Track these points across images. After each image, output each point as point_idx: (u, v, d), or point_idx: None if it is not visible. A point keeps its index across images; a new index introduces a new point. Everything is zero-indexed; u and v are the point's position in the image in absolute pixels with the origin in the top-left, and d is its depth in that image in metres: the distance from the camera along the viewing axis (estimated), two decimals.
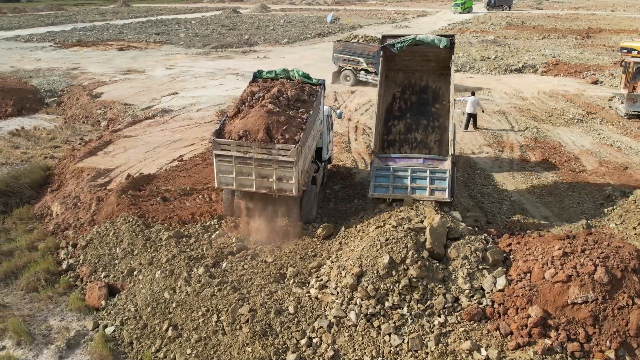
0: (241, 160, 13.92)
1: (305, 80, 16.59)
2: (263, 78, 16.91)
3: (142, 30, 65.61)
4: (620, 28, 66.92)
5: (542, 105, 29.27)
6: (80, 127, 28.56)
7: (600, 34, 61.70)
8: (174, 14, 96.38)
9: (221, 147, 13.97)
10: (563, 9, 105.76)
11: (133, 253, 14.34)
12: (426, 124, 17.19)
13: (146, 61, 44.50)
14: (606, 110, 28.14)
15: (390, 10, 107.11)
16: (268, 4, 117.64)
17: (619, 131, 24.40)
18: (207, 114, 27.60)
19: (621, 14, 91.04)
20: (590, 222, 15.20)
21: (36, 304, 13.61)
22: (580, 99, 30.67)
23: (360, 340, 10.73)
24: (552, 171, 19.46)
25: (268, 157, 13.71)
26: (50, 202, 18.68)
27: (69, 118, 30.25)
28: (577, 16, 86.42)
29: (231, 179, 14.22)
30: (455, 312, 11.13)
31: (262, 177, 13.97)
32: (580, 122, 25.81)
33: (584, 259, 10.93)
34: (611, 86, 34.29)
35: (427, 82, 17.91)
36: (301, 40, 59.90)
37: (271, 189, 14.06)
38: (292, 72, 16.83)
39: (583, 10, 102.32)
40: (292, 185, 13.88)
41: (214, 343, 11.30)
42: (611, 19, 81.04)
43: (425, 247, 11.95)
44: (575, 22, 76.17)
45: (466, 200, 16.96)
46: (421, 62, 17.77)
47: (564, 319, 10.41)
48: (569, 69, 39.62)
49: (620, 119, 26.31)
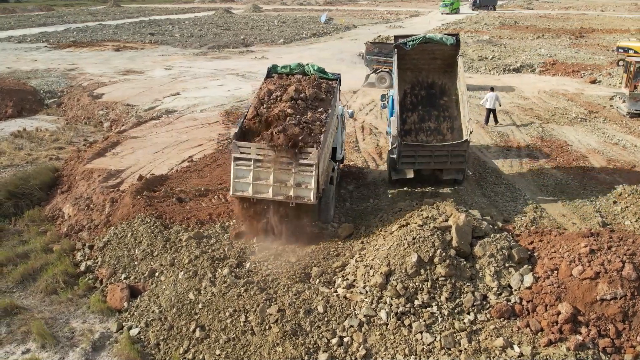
0: (260, 165, 13.70)
1: (321, 75, 16.55)
2: (278, 73, 16.85)
3: (137, 31, 65.27)
4: (612, 28, 67.57)
5: (544, 105, 29.50)
6: (82, 128, 28.39)
7: (593, 34, 62.27)
8: (166, 14, 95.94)
9: (240, 149, 13.84)
10: (554, 8, 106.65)
11: (153, 254, 14.29)
12: (437, 114, 18.68)
13: (144, 62, 44.28)
14: (607, 109, 28.42)
15: (382, 10, 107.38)
16: (260, 4, 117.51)
17: (623, 130, 24.65)
18: (212, 115, 27.53)
19: (611, 14, 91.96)
20: (605, 220, 15.36)
21: (56, 306, 13.54)
22: (581, 98, 30.95)
23: (392, 339, 10.78)
24: (561, 170, 19.62)
25: (288, 160, 13.55)
26: (62, 203, 18.57)
27: (71, 119, 30.05)
28: (568, 16, 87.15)
29: (247, 185, 13.88)
30: (484, 309, 11.22)
31: (280, 182, 13.64)
32: (583, 121, 26.04)
33: (611, 255, 11.06)
34: (609, 85, 34.67)
35: (434, 79, 19.31)
36: (297, 40, 59.87)
37: (288, 196, 13.65)
38: (307, 67, 16.80)
39: (573, 10, 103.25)
40: (310, 192, 13.58)
41: (244, 343, 11.30)
42: (602, 18, 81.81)
43: (451, 245, 12.03)
44: (567, 22, 76.79)
45: (480, 199, 17.06)
46: (428, 61, 19.09)
47: (594, 315, 10.52)
48: (566, 68, 39.97)
49: (622, 118, 26.58)
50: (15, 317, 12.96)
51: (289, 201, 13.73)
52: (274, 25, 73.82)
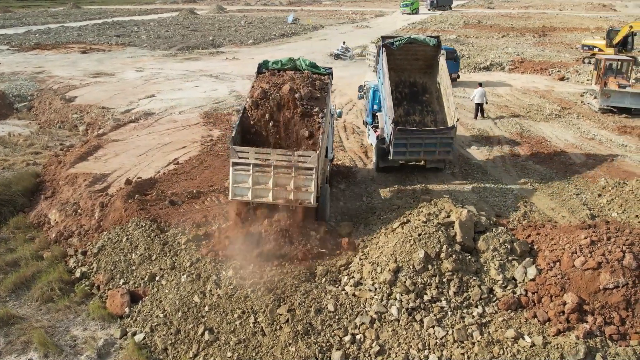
0: (259, 169, 13.64)
1: (313, 70, 16.54)
2: (270, 69, 16.76)
3: (101, 33, 63.97)
4: (573, 26, 69.55)
5: (518, 102, 30.19)
6: (57, 132, 27.71)
7: (555, 32, 63.99)
8: (128, 15, 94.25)
9: (239, 154, 13.76)
10: (514, 8, 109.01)
11: (151, 258, 14.10)
12: (421, 109, 20.15)
13: (113, 64, 43.46)
14: (579, 105, 29.26)
15: (347, 10, 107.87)
16: (223, 4, 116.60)
17: (597, 125, 25.44)
18: (191, 116, 27.25)
19: (570, 13, 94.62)
20: (593, 212, 15.83)
21: (54, 315, 13.23)
22: (553, 95, 31.80)
23: (405, 334, 10.92)
24: (544, 165, 20.15)
25: (288, 164, 13.53)
26: (47, 209, 18.12)
27: (44, 123, 29.27)
28: (529, 15, 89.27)
29: (247, 189, 13.80)
30: (491, 302, 11.47)
31: (280, 186, 13.61)
32: (558, 117, 26.77)
33: (611, 246, 11.45)
34: (578, 82, 35.71)
35: (415, 78, 20.70)
36: (266, 41, 59.69)
37: (288, 199, 13.65)
38: (298, 62, 16.75)
39: (533, 9, 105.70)
40: (310, 195, 13.61)
41: (255, 344, 11.28)
42: (562, 17, 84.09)
43: (456, 240, 12.25)
44: (529, 20, 78.64)
45: (470, 195, 17.39)
46: (411, 61, 20.44)
47: (598, 304, 10.88)
48: (534, 66, 41.00)
49: (594, 113, 27.41)
50: (13, 327, 12.63)
51: (289, 204, 13.72)
52: (241, 26, 73.41)
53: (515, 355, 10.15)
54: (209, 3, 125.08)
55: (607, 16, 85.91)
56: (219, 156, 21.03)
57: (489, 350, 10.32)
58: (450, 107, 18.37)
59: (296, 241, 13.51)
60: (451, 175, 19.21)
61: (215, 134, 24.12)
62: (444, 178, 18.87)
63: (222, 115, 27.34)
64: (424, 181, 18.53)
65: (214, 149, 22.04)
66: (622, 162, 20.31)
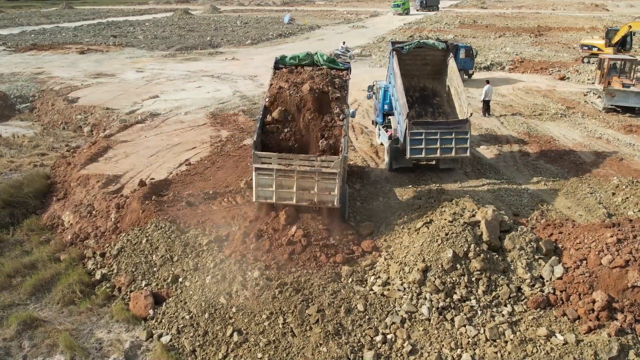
0: (282, 173, 13.65)
1: (331, 66, 16.44)
2: (286, 65, 16.66)
3: (97, 33, 63.59)
4: (568, 26, 69.93)
5: (522, 102, 30.34)
6: (61, 134, 27.56)
7: (551, 32, 64.33)
8: (122, 15, 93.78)
9: (262, 160, 13.73)
10: (507, 7, 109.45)
11: (173, 260, 14.05)
12: (432, 111, 20.24)
13: (112, 64, 43.23)
14: (583, 104, 29.45)
15: (342, 10, 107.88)
16: (216, 4, 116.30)
17: (602, 124, 25.62)
18: (198, 117, 27.17)
19: (563, 13, 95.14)
20: (609, 211, 15.94)
21: (77, 317, 13.17)
22: (555, 95, 31.97)
23: (436, 334, 10.95)
24: (555, 164, 20.27)
25: (311, 169, 13.54)
26: (60, 211, 18.03)
27: (47, 124, 29.12)
28: (523, 15, 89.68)
29: (270, 192, 13.87)
30: (520, 301, 11.53)
31: (303, 189, 13.70)
32: (563, 117, 26.92)
33: (638, 244, 11.55)
34: (578, 82, 35.94)
35: (425, 84, 20.96)
36: (264, 41, 59.60)
37: (312, 201, 13.79)
38: (316, 57, 16.62)
39: (526, 9, 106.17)
40: (334, 197, 13.68)
41: (285, 345, 11.27)
42: (556, 17, 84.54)
43: (482, 240, 12.30)
44: (524, 20, 78.99)
45: (486, 194, 17.46)
46: (420, 66, 20.76)
47: (627, 301, 10.97)
48: (534, 66, 41.21)
49: (599, 113, 27.60)
50: (37, 330, 12.56)
51: (312, 205, 13.81)
52: (237, 26, 73.25)
53: (548, 353, 10.21)
54: (203, 3, 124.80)
55: (600, 16, 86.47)
56: (230, 157, 20.99)
57: (522, 349, 10.37)
58: (463, 105, 18.54)
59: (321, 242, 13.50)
60: (464, 174, 19.28)
61: (223, 135, 24.05)
62: (458, 178, 18.93)
63: (229, 116, 27.28)
64: (438, 181, 18.59)
65: (225, 149, 21.98)
66: (632, 161, 20.46)
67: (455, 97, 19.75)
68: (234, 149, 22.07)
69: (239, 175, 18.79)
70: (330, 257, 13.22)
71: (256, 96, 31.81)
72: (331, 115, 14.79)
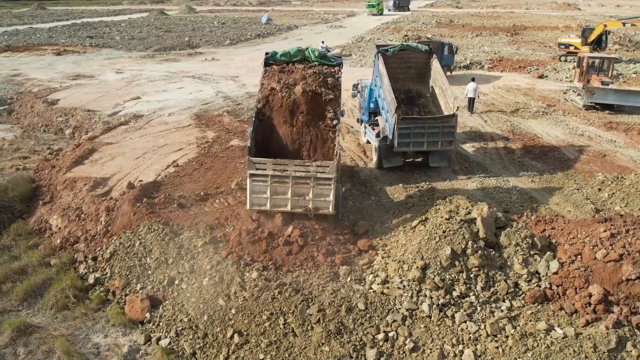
0: (277, 180, 13.58)
1: (323, 62, 16.31)
2: (277, 62, 16.50)
3: (73, 34, 62.59)
4: (542, 25, 71.09)
5: (503, 100, 30.76)
6: (43, 136, 27.09)
7: (526, 31, 65.34)
8: (97, 16, 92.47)
9: (256, 165, 13.65)
10: (482, 7, 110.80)
11: (168, 262, 13.92)
12: (419, 111, 20.80)
13: (90, 65, 42.63)
14: (563, 102, 29.97)
15: (318, 10, 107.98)
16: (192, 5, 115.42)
17: (583, 122, 26.11)
18: (182, 118, 26.95)
19: (536, 12, 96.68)
20: (597, 206, 16.25)
21: (72, 322, 12.98)
22: (535, 93, 32.49)
23: (437, 330, 11.06)
24: (540, 161, 20.61)
25: (306, 175, 13.49)
26: (47, 215, 17.74)
27: (27, 127, 28.57)
28: (498, 14, 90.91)
29: (265, 199, 13.75)
30: (518, 296, 11.70)
31: (298, 196, 13.63)
32: (545, 114, 27.38)
33: (631, 238, 11.80)
34: (557, 80, 36.58)
35: (409, 86, 21.58)
36: (242, 41, 59.40)
37: (307, 208, 13.70)
38: (307, 52, 16.49)
39: (500, 8, 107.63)
40: (329, 204, 13.63)
41: (286, 346, 11.26)
42: (530, 16, 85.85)
43: (479, 236, 12.44)
44: (499, 20, 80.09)
45: (476, 192, 17.67)
46: (404, 69, 21.35)
47: (622, 294, 11.20)
48: (512, 64, 41.84)
49: (579, 110, 28.12)
50: (31, 337, 12.35)
51: (307, 213, 13.75)
52: (214, 27, 72.83)
53: (549, 347, 10.38)
54: (178, 3, 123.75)
55: (573, 15, 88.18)
56: (218, 158, 20.89)
57: (523, 343, 10.53)
58: (449, 101, 19.05)
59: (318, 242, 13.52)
60: (453, 172, 19.48)
61: (210, 136, 23.91)
62: (447, 176, 19.12)
63: (214, 117, 27.12)
64: (428, 179, 18.77)
65: (212, 150, 21.86)
66: (614, 157, 20.90)
67: (440, 96, 20.26)
68: (221, 150, 21.96)
69: (228, 177, 18.71)
70: (327, 256, 13.23)
71: (239, 97, 31.71)
72: (324, 119, 14.76)
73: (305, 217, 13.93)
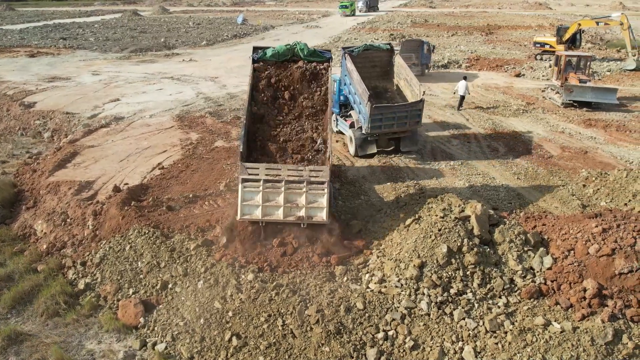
0: (269, 186, 13.44)
1: (312, 59, 16.19)
2: (266, 61, 16.24)
3: (45, 35, 61.36)
4: (515, 24, 71.96)
5: (483, 98, 31.08)
6: (20, 140, 26.59)
7: (500, 30, 66.06)
8: (68, 17, 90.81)
9: (249, 171, 13.48)
10: (455, 7, 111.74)
11: (160, 266, 13.76)
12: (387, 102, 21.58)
13: (66, 67, 41.84)
14: (541, 100, 30.41)
15: (293, 10, 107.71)
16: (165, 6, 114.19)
17: (563, 119, 26.52)
18: (164, 120, 26.62)
19: (509, 11, 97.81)
20: (583, 202, 16.52)
21: (63, 329, 12.76)
22: (514, 91, 32.91)
23: (437, 328, 11.12)
24: (524, 158, 20.88)
25: (299, 179, 13.41)
26: (31, 220, 17.38)
27: (3, 130, 28.01)
28: (471, 14, 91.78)
29: (256, 207, 13.49)
30: (514, 292, 11.84)
31: (291, 202, 13.46)
32: (525, 112, 27.74)
33: (622, 232, 12.02)
34: (533, 78, 37.12)
35: (376, 84, 22.55)
36: (219, 42, 58.95)
37: (300, 217, 13.47)
38: (296, 49, 16.24)
39: (473, 8, 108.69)
40: (322, 211, 13.46)
41: (286, 347, 11.22)
42: (503, 16, 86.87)
43: (474, 234, 12.54)
44: (473, 19, 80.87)
45: (464, 190, 17.81)
46: (369, 69, 22.36)
47: (616, 288, 11.41)
48: (489, 63, 42.28)
49: (557, 108, 28.56)
50: (23, 345, 12.15)
51: (300, 222, 13.48)
52: (190, 27, 72.13)
53: (547, 341, 10.52)
54: (151, 4, 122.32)
55: (545, 14, 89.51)
56: (204, 159, 20.71)
57: (522, 339, 10.65)
58: (415, 89, 20.45)
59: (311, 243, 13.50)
60: (439, 171, 19.61)
61: (193, 137, 23.68)
62: (434, 174, 19.25)
63: (196, 118, 26.85)
64: (415, 178, 18.86)
65: (197, 152, 21.65)
66: (596, 154, 21.28)
67: (406, 87, 21.59)
68: (206, 151, 21.77)
69: (216, 178, 18.57)
70: (322, 256, 13.21)
71: (220, 98, 31.47)
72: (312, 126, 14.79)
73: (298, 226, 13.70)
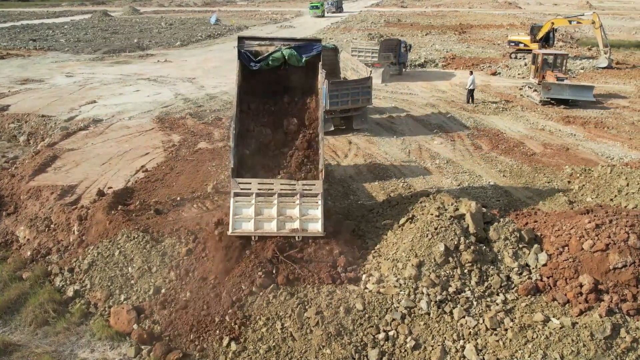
0: (262, 199, 13.20)
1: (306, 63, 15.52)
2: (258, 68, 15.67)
3: (14, 37, 59.97)
4: (487, 23, 72.98)
5: (462, 97, 31.30)
6: None
7: (473, 29, 66.89)
8: (36, 18, 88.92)
9: (241, 186, 13.27)
10: (427, 6, 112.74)
11: (151, 271, 13.49)
12: None
13: (38, 69, 40.89)
14: (519, 98, 30.82)
15: (266, 10, 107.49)
16: (136, 6, 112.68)
17: (542, 117, 26.92)
18: (144, 122, 26.18)
19: (479, 10, 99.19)
20: (569, 198, 16.74)
21: (54, 338, 12.42)
22: (491, 90, 33.30)
23: (437, 327, 11.12)
24: (508, 156, 21.11)
25: (292, 192, 13.23)
26: (13, 226, 16.91)
27: None
28: (443, 13, 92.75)
29: (248, 221, 13.15)
30: (511, 289, 11.89)
31: (284, 215, 13.21)
32: (505, 110, 28.08)
33: (615, 228, 12.19)
34: (509, 76, 37.66)
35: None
36: (194, 42, 58.39)
37: (293, 229, 13.10)
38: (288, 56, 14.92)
39: (444, 7, 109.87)
40: (317, 223, 13.12)
41: (286, 350, 11.10)
42: (474, 15, 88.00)
43: (469, 232, 12.58)
44: (445, 19, 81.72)
45: (453, 188, 17.90)
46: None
47: (611, 283, 11.56)
48: (465, 62, 42.74)
49: (536, 106, 28.98)
50: (13, 356, 11.75)
51: (294, 235, 13.10)
52: (163, 28, 71.31)
53: (548, 337, 10.59)
54: (120, 4, 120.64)
55: (515, 13, 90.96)
56: (188, 161, 20.43)
57: (523, 335, 10.71)
58: (362, 72, 24.13)
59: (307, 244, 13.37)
60: (426, 169, 19.69)
61: (175, 139, 23.35)
62: (420, 172, 19.33)
63: (176, 119, 26.49)
64: (402, 176, 18.91)
65: (180, 154, 21.35)
66: (577, 150, 21.64)
67: (353, 75, 25.06)
68: (189, 153, 21.48)
69: (202, 180, 18.32)
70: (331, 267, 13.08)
71: (200, 99, 31.14)
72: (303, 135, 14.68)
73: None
